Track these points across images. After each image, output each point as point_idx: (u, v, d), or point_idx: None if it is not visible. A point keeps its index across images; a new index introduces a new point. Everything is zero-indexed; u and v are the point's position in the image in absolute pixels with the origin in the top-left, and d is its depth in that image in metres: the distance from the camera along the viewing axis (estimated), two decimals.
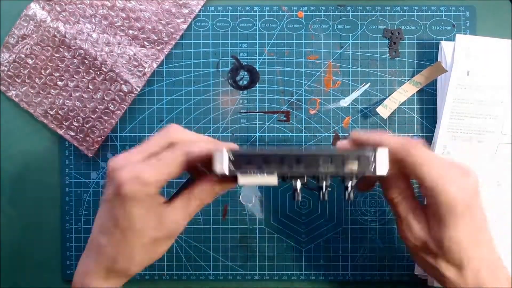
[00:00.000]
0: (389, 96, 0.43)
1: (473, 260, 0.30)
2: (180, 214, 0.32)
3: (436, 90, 0.44)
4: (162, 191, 0.32)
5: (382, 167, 0.29)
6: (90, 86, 0.43)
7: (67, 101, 0.43)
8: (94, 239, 0.33)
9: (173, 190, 0.35)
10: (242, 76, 0.44)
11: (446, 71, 0.42)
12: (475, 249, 0.30)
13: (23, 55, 0.43)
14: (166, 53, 0.43)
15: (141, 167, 0.30)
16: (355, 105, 0.44)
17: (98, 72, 0.43)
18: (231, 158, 0.29)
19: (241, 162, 0.29)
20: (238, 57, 0.44)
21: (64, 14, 0.43)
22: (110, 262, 0.32)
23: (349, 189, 0.31)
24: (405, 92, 0.43)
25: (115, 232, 0.31)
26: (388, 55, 0.44)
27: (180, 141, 0.32)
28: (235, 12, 0.44)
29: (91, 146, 0.44)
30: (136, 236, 0.31)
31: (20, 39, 0.43)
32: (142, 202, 0.30)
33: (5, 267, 0.45)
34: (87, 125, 0.44)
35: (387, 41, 0.44)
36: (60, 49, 0.43)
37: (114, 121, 0.43)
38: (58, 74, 0.43)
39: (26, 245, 0.45)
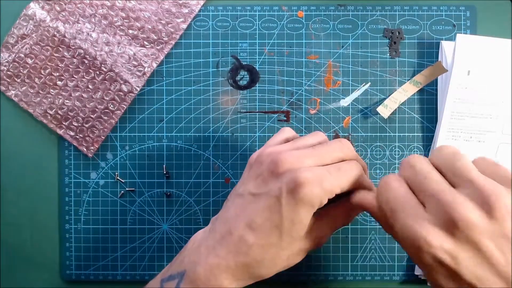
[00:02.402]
0: (389, 96, 0.43)
1: None
2: (326, 230, 0.31)
3: (436, 90, 0.44)
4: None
5: None
6: (90, 86, 0.43)
7: (67, 101, 0.43)
8: (236, 233, 0.29)
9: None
10: (242, 76, 0.44)
11: (447, 70, 0.42)
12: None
13: (22, 55, 0.43)
14: (166, 52, 0.43)
15: (324, 173, 0.28)
16: (355, 105, 0.44)
17: (97, 72, 0.43)
18: None
19: None
20: (238, 57, 0.44)
21: (64, 14, 0.43)
22: (252, 262, 0.29)
23: None
24: (406, 92, 0.43)
25: (271, 233, 0.29)
26: (388, 54, 0.44)
27: (353, 158, 0.31)
28: (235, 11, 0.44)
29: (91, 146, 0.44)
30: (293, 242, 0.29)
31: (19, 38, 0.43)
32: (313, 209, 0.29)
33: (4, 267, 0.45)
34: (86, 125, 0.44)
35: (388, 40, 0.44)
36: (60, 48, 0.43)
37: (113, 121, 0.43)
38: (57, 73, 0.43)
39: (25, 245, 0.45)
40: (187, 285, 0.29)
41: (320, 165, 0.30)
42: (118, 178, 0.44)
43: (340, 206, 0.33)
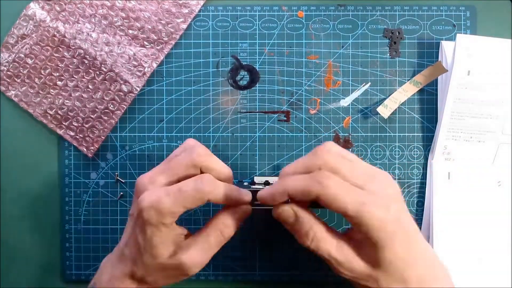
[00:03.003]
0: (389, 96, 0.43)
1: (416, 273, 0.30)
2: (199, 250, 0.33)
3: (436, 90, 0.44)
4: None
5: None
6: (90, 86, 0.43)
7: (67, 101, 0.43)
8: (121, 248, 0.35)
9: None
10: (242, 76, 0.44)
11: (447, 71, 0.42)
12: (416, 262, 0.30)
13: (22, 55, 0.43)
14: (166, 53, 0.43)
15: (160, 196, 0.31)
16: (356, 105, 0.44)
17: (97, 72, 0.43)
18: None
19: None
20: (238, 57, 0.44)
21: (64, 14, 0.43)
22: (130, 272, 0.34)
23: None
24: (406, 92, 0.43)
25: (134, 247, 0.33)
26: (388, 55, 0.44)
27: (205, 168, 0.33)
28: (235, 12, 0.44)
29: (91, 146, 0.44)
30: (151, 258, 0.32)
31: (19, 38, 0.43)
32: (158, 229, 0.31)
33: (4, 267, 0.45)
34: (86, 125, 0.44)
35: (388, 40, 0.44)
36: (60, 49, 0.43)
37: (113, 121, 0.43)
38: (57, 74, 0.43)
39: (25, 245, 0.45)
40: None
41: (172, 180, 0.33)
42: (118, 178, 0.44)
43: (209, 225, 0.34)
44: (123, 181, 0.44)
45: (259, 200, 0.33)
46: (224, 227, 0.34)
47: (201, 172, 0.33)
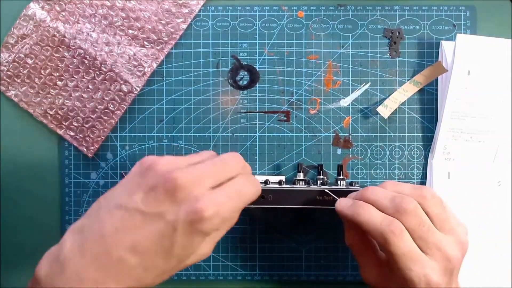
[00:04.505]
0: (389, 96, 0.43)
1: None
2: (213, 243, 0.30)
3: (436, 90, 0.44)
4: None
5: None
6: (90, 86, 0.43)
7: (67, 101, 0.43)
8: (116, 255, 0.26)
9: None
10: (242, 76, 0.44)
11: (447, 70, 0.42)
12: None
13: (22, 55, 0.43)
14: (166, 53, 0.43)
15: (222, 200, 0.27)
16: (356, 105, 0.44)
17: (97, 72, 0.43)
18: None
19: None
20: (238, 57, 0.44)
21: (64, 14, 0.43)
22: (135, 283, 0.27)
23: None
24: (406, 92, 0.43)
25: (158, 257, 0.27)
26: (388, 54, 0.44)
27: (244, 172, 0.31)
28: (235, 12, 0.44)
29: (91, 146, 0.44)
30: (179, 264, 0.28)
31: (19, 39, 0.43)
32: (205, 236, 0.27)
33: (4, 267, 0.45)
34: (86, 125, 0.44)
35: (388, 40, 0.44)
36: (60, 49, 0.43)
37: (114, 121, 0.43)
38: (57, 74, 0.43)
39: (26, 245, 0.45)
40: None
41: (218, 183, 0.28)
42: (124, 175, 0.44)
43: None
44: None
45: (337, 210, 0.35)
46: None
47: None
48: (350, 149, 0.44)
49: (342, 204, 0.34)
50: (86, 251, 0.26)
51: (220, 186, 0.28)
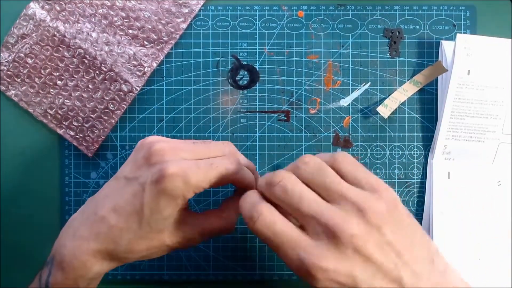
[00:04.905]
0: (389, 95, 0.43)
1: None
2: (195, 233, 0.31)
3: (436, 89, 0.44)
4: None
5: None
6: (90, 86, 0.43)
7: (67, 101, 0.43)
8: (100, 214, 0.30)
9: None
10: (242, 76, 0.44)
11: (447, 70, 0.42)
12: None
13: (22, 55, 0.43)
14: (166, 52, 0.43)
15: (191, 166, 0.29)
16: (356, 105, 0.44)
17: (97, 72, 0.43)
18: None
19: None
20: (238, 57, 0.44)
21: (64, 14, 0.43)
22: (111, 244, 0.30)
23: None
24: (406, 91, 0.43)
25: (131, 218, 0.29)
26: (388, 54, 0.44)
27: (235, 158, 0.32)
28: (235, 11, 0.44)
29: (91, 145, 0.44)
30: (152, 233, 0.30)
31: (19, 38, 0.43)
32: (175, 202, 0.29)
33: (5, 267, 0.45)
34: (86, 125, 0.44)
35: (388, 40, 0.44)
36: (60, 48, 0.43)
37: (113, 121, 0.43)
38: (57, 73, 0.43)
39: (25, 245, 0.45)
40: (56, 269, 0.30)
41: (194, 158, 0.30)
42: None
43: (214, 210, 0.33)
44: None
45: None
46: (227, 217, 0.33)
47: None
48: (350, 149, 0.44)
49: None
50: (84, 212, 0.32)
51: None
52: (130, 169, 0.31)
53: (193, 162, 0.29)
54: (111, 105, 0.43)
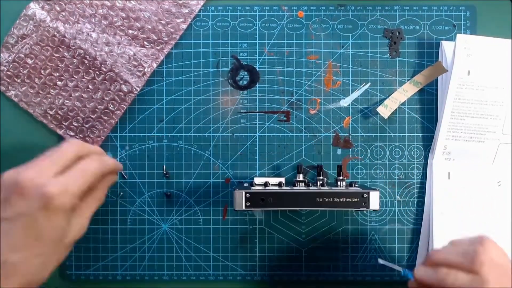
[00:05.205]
0: (389, 96, 0.43)
1: None
2: (85, 218, 0.35)
3: (436, 90, 0.44)
4: None
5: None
6: (90, 86, 0.43)
7: (67, 101, 0.43)
8: (2, 259, 0.30)
9: None
10: (242, 76, 0.44)
11: (447, 70, 0.42)
12: None
13: (22, 55, 0.43)
14: (166, 53, 0.43)
15: (66, 180, 0.32)
16: (356, 105, 0.44)
17: (97, 72, 0.43)
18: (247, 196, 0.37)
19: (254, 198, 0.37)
20: (238, 57, 0.44)
21: (64, 14, 0.43)
22: (25, 278, 0.31)
23: None
24: (406, 92, 0.43)
25: (35, 246, 0.31)
26: (388, 55, 0.44)
27: (88, 153, 0.36)
28: (235, 12, 0.44)
29: None
30: (59, 244, 0.32)
31: (19, 39, 0.43)
32: (67, 213, 0.32)
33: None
34: (86, 125, 0.44)
35: (388, 41, 0.44)
36: (60, 49, 0.43)
37: (113, 121, 0.43)
38: (57, 74, 0.43)
39: None
40: None
41: (61, 169, 0.33)
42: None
43: (94, 189, 0.36)
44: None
45: (417, 279, 0.34)
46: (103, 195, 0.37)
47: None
48: (350, 149, 0.44)
49: (422, 274, 0.34)
50: None
51: (64, 171, 0.33)
52: (3, 209, 0.31)
53: (67, 175, 0.32)
54: (111, 106, 0.43)
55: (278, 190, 0.38)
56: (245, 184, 0.42)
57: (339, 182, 0.40)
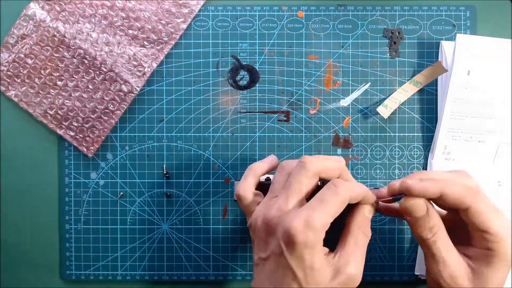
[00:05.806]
0: (389, 96, 0.43)
1: None
2: (357, 261, 0.31)
3: (436, 90, 0.44)
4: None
5: None
6: (90, 86, 0.43)
7: (67, 101, 0.43)
8: None
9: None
10: (242, 76, 0.44)
11: (447, 70, 0.42)
12: None
13: (22, 55, 0.43)
14: (166, 53, 0.43)
15: (309, 213, 0.29)
16: (355, 105, 0.44)
17: (97, 72, 0.43)
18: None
19: None
20: (238, 57, 0.44)
21: (64, 14, 0.43)
22: None
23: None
24: (406, 92, 0.43)
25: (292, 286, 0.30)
26: (388, 55, 0.44)
27: (324, 172, 0.32)
28: (235, 11, 0.44)
29: (91, 146, 0.44)
30: (316, 285, 0.30)
31: (19, 39, 0.43)
32: (317, 250, 0.29)
33: (4, 267, 0.45)
34: (86, 125, 0.44)
35: (388, 40, 0.44)
36: (60, 49, 0.43)
37: (113, 121, 0.43)
38: (57, 74, 0.43)
39: (25, 245, 0.45)
40: None
41: (301, 199, 0.31)
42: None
43: (348, 232, 0.33)
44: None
45: (409, 188, 0.32)
46: (363, 228, 0.33)
47: (321, 179, 0.33)
48: (350, 149, 0.44)
49: (417, 184, 0.32)
50: None
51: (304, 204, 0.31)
52: (260, 250, 0.32)
53: (306, 207, 0.30)
54: (111, 106, 0.43)
55: None
56: None
57: None
